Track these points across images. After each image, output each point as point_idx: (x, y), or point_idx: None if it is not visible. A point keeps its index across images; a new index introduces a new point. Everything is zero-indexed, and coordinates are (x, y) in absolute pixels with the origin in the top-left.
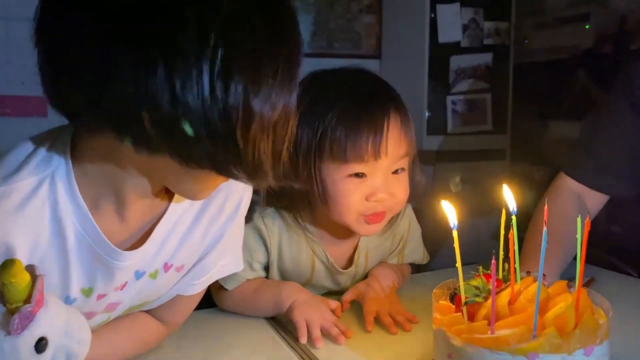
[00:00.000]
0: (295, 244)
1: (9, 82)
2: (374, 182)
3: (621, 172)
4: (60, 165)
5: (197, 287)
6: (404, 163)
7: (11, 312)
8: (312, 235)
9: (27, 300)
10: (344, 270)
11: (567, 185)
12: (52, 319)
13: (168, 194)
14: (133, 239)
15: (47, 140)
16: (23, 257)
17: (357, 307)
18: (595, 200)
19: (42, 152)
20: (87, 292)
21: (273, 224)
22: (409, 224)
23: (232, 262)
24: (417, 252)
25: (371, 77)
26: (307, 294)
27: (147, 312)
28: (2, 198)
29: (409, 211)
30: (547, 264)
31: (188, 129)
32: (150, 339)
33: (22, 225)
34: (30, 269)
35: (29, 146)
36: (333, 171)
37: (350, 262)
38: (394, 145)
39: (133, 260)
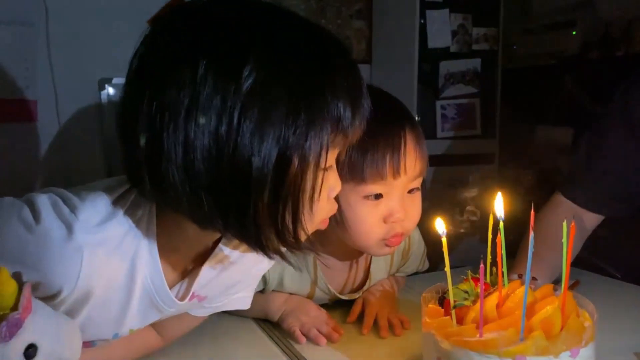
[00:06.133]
0: (297, 276)
1: None
2: (390, 203)
3: (616, 194)
4: (144, 215)
5: (207, 311)
6: (419, 182)
7: None
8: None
9: (15, 307)
10: (348, 297)
11: (563, 204)
12: (41, 326)
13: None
14: (176, 280)
15: (132, 191)
16: (98, 296)
17: (347, 311)
18: (591, 219)
19: (129, 200)
20: (134, 331)
21: None
22: (417, 240)
23: (245, 297)
24: (415, 265)
25: (385, 95)
26: (293, 301)
27: None
28: (101, 244)
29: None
30: (539, 268)
31: None
32: (145, 349)
33: (107, 270)
34: (17, 276)
35: (112, 192)
36: (349, 192)
37: (361, 285)
38: (411, 164)
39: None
